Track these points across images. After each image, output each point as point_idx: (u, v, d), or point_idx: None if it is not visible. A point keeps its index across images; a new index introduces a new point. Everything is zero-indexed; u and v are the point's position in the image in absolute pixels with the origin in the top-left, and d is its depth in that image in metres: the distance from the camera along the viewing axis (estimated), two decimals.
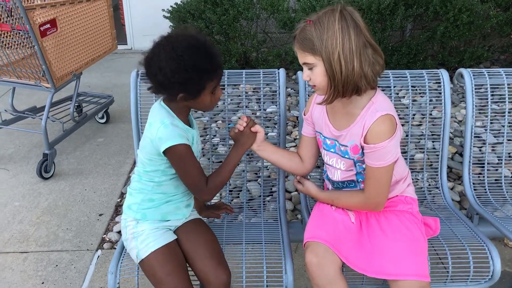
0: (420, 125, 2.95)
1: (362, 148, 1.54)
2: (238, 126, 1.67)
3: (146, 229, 1.59)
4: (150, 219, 1.61)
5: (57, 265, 2.27)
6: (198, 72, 1.45)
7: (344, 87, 1.46)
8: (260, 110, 2.11)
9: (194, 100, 1.51)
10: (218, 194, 2.36)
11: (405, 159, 2.10)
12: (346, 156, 1.60)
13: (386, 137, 1.48)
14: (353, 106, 1.55)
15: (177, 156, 1.50)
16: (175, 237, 1.63)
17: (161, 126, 1.48)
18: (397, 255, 1.50)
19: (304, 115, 1.76)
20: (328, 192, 1.75)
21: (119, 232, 2.47)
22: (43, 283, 2.17)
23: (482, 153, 2.18)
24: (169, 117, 1.51)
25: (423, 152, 2.12)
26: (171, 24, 4.29)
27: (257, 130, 1.68)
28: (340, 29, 1.41)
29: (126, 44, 5.49)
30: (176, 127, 1.50)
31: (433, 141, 2.18)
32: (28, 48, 2.90)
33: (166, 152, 1.49)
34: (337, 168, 1.67)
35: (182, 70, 1.42)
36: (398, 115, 1.61)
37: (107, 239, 2.45)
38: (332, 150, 1.65)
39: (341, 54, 1.41)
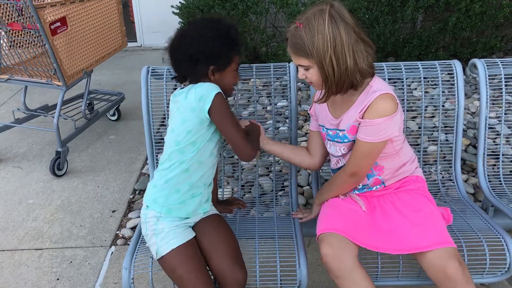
0: (432, 117, 2.92)
1: (359, 124, 1.57)
2: (243, 123, 1.83)
3: (166, 227, 1.58)
4: (175, 215, 1.60)
5: (71, 262, 2.29)
6: (230, 40, 1.59)
7: (338, 86, 1.53)
8: (270, 104, 2.10)
9: (221, 75, 1.62)
10: (230, 189, 2.36)
11: (418, 151, 2.08)
12: (346, 140, 1.65)
13: (383, 114, 1.50)
14: (352, 93, 1.59)
15: (221, 106, 1.55)
16: (194, 234, 1.62)
17: (197, 88, 1.56)
18: (419, 229, 1.51)
19: (310, 111, 1.84)
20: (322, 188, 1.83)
21: (133, 228, 2.49)
22: (58, 279, 2.19)
23: (496, 144, 2.15)
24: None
25: (436, 145, 2.10)
26: (180, 20, 4.28)
27: (255, 123, 1.84)
28: (330, 31, 1.45)
29: (136, 41, 5.51)
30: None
31: (446, 133, 2.16)
32: (39, 46, 2.93)
33: (212, 107, 1.53)
34: (340, 156, 1.70)
35: (218, 37, 1.56)
36: (410, 107, 1.61)
37: (121, 235, 2.46)
38: (336, 139, 1.69)
39: (332, 56, 1.46)
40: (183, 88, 1.63)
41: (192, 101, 1.54)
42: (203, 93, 1.53)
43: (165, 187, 1.61)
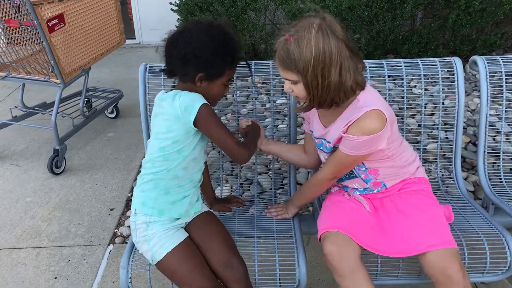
0: (432, 114, 2.91)
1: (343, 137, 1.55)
2: (244, 122, 1.82)
3: (157, 231, 1.55)
4: (167, 216, 1.57)
5: (69, 260, 2.28)
6: (225, 52, 1.52)
7: (320, 102, 1.50)
8: (269, 102, 2.09)
9: (208, 85, 1.56)
10: (229, 187, 2.35)
11: (418, 149, 2.07)
12: (331, 151, 1.63)
13: (369, 132, 1.46)
14: (340, 104, 1.55)
15: (208, 117, 1.50)
16: (187, 234, 1.60)
17: (181, 96, 1.49)
18: (421, 231, 1.50)
19: (302, 113, 1.80)
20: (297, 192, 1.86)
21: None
22: (56, 278, 2.18)
23: (496, 142, 2.14)
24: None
25: (436, 142, 2.08)
26: (179, 17, 4.26)
27: (256, 122, 1.83)
28: (319, 47, 1.40)
29: (134, 38, 5.49)
30: (193, 92, 1.52)
31: (446, 131, 2.14)
32: (36, 44, 2.91)
33: (197, 118, 1.48)
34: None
35: (212, 45, 1.49)
36: (410, 105, 1.59)
37: (119, 234, 2.45)
38: (321, 148, 1.68)
39: (319, 71, 1.42)
40: (167, 92, 1.57)
41: (177, 110, 1.49)
42: (188, 103, 1.48)
43: (153, 191, 1.57)
